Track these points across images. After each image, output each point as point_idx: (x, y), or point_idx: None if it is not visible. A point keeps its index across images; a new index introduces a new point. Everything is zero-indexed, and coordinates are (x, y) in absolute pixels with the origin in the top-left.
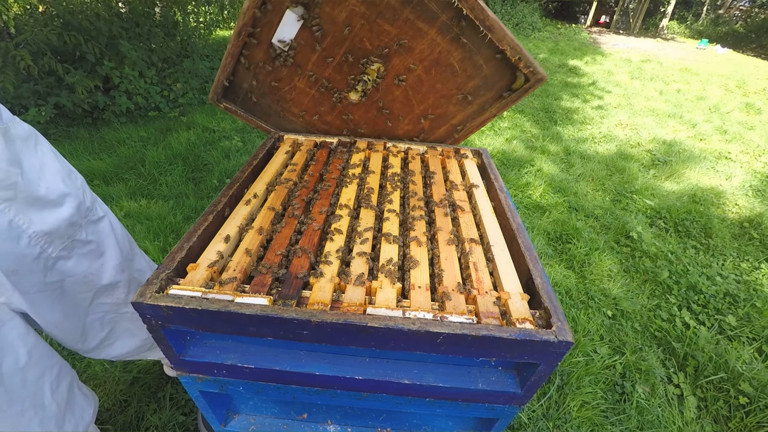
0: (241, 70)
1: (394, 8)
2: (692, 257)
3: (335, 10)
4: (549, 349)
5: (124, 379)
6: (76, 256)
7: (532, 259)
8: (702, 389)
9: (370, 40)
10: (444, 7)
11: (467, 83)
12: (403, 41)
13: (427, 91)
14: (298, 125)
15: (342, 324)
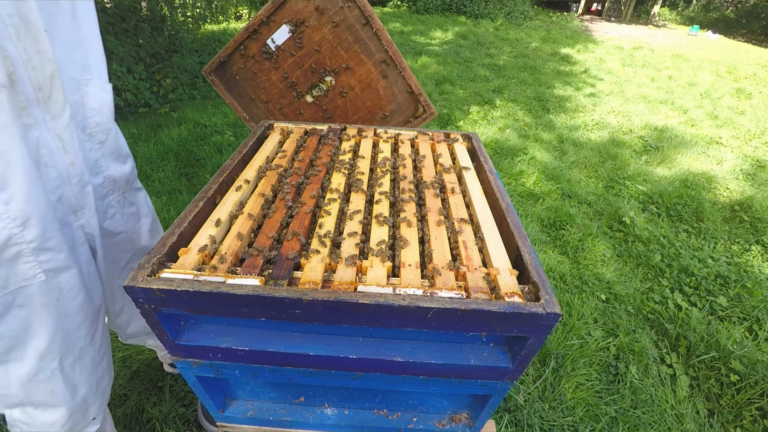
0: (237, 55)
1: (349, 42)
2: (684, 241)
3: (313, 33)
4: (538, 321)
5: (124, 374)
6: (122, 214)
7: (521, 237)
8: (694, 368)
9: (330, 59)
10: (379, 49)
11: (387, 106)
12: (351, 65)
13: (360, 106)
14: (261, 111)
15: (333, 301)
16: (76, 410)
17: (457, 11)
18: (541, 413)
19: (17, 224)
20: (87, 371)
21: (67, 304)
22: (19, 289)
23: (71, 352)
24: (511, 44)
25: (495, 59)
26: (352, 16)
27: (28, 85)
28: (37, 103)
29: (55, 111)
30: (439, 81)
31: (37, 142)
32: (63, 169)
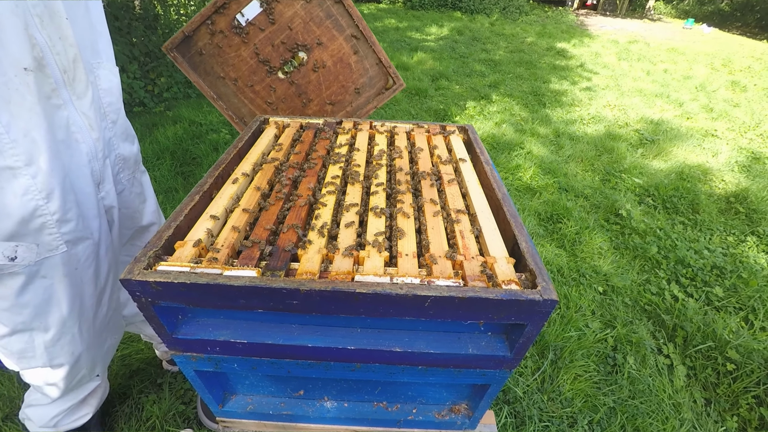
0: (203, 30)
1: (321, 17)
2: (680, 232)
3: (285, 8)
4: (535, 308)
5: (123, 372)
6: (129, 192)
7: (518, 226)
8: (691, 358)
9: (302, 34)
10: (350, 24)
11: (359, 80)
12: (322, 41)
13: (333, 80)
14: (229, 90)
15: (330, 291)
16: (86, 367)
17: (453, 7)
18: (539, 405)
19: (43, 196)
20: (97, 333)
21: (84, 272)
22: (43, 260)
23: (86, 317)
24: (507, 39)
25: (491, 54)
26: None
27: (55, 69)
28: (64, 84)
29: (80, 91)
30: (435, 77)
31: (67, 120)
32: (91, 145)
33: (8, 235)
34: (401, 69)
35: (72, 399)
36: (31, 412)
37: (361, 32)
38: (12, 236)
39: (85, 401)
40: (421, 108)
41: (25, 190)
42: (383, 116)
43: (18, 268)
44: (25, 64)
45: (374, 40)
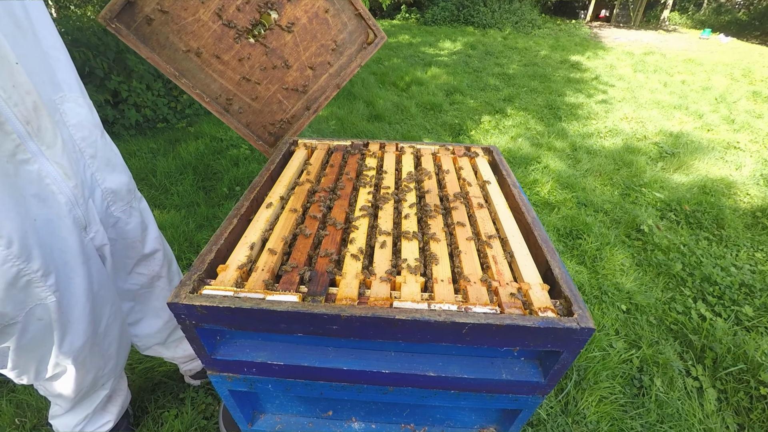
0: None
1: None
2: (705, 249)
3: None
4: (572, 336)
5: (145, 385)
6: (126, 223)
7: (549, 251)
8: (721, 381)
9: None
10: None
11: (338, 36)
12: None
13: (311, 40)
14: (194, 64)
15: (370, 318)
16: (87, 386)
17: (465, 22)
18: (564, 428)
19: (22, 260)
20: (96, 359)
21: (77, 311)
22: (35, 306)
23: (83, 350)
24: (520, 53)
25: (504, 68)
26: None
27: (15, 122)
28: (29, 136)
29: (49, 140)
30: (449, 91)
31: (38, 173)
32: (69, 193)
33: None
34: (416, 84)
35: (86, 409)
36: (55, 423)
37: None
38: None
39: (105, 409)
40: (436, 122)
41: (2, 261)
42: (398, 131)
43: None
44: None
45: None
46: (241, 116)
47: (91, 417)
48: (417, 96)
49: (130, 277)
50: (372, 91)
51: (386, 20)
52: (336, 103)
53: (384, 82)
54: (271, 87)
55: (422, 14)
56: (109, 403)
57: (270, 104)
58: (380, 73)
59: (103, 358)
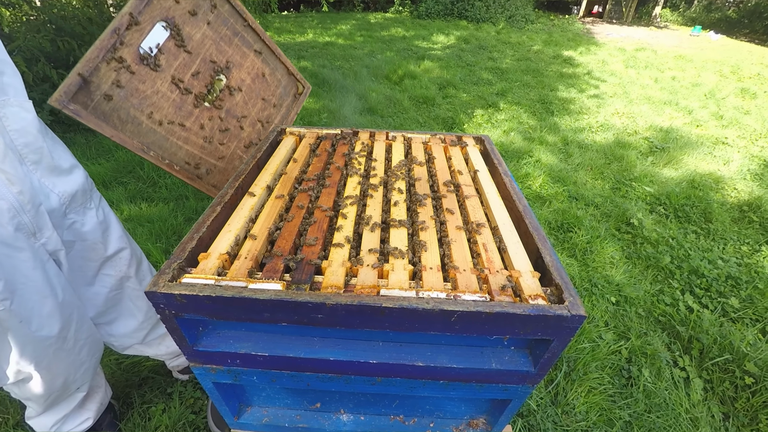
0: (104, 68)
1: (229, 36)
2: (693, 242)
3: (193, 31)
4: (562, 323)
5: (132, 381)
6: (86, 222)
7: (541, 239)
8: (708, 371)
9: (216, 56)
10: (255, 40)
11: (276, 91)
12: (236, 59)
13: (256, 97)
14: (159, 135)
15: (357, 306)
16: (57, 390)
17: (459, 16)
18: (554, 418)
19: None
20: (64, 364)
21: (32, 321)
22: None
23: (45, 355)
24: (513, 48)
25: (497, 63)
26: (224, 12)
27: None
28: None
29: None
30: (442, 85)
31: None
32: (13, 200)
33: None
34: (409, 77)
35: (62, 410)
36: (32, 423)
37: (266, 45)
38: None
39: (84, 407)
40: (429, 116)
41: None
42: (391, 124)
43: None
44: None
45: (279, 51)
46: (209, 178)
47: (68, 416)
48: (410, 89)
49: (98, 279)
50: (365, 84)
51: (379, 14)
52: (328, 96)
53: (377, 76)
54: (231, 145)
55: (416, 7)
56: (87, 401)
57: (232, 161)
58: (373, 67)
59: (74, 363)
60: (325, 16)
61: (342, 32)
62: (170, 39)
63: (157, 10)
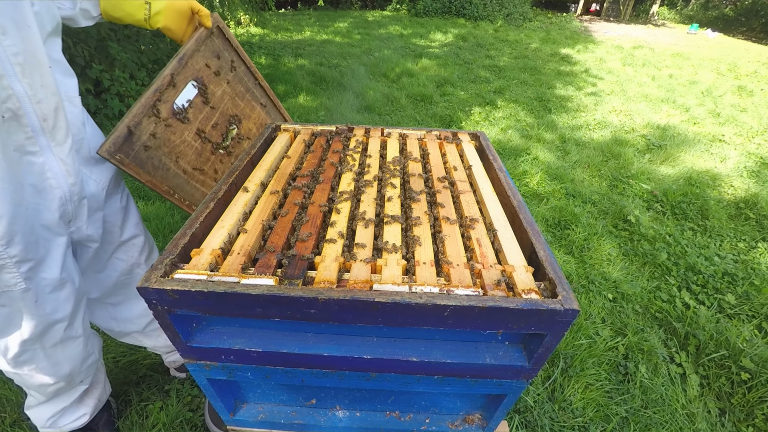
0: (145, 122)
1: (242, 92)
2: (690, 239)
3: (216, 88)
4: (556, 318)
5: (130, 379)
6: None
7: (535, 234)
8: (704, 367)
9: (231, 109)
10: (262, 95)
11: None
12: (247, 112)
13: None
14: (182, 179)
15: (349, 300)
16: (62, 380)
17: (457, 14)
18: (551, 414)
19: (2, 243)
20: (70, 352)
21: (47, 303)
22: (1, 293)
23: (53, 338)
24: (511, 45)
25: (495, 60)
26: (241, 71)
27: (33, 117)
28: (42, 132)
29: (60, 138)
30: (440, 83)
31: (42, 167)
32: (66, 190)
33: None
34: (406, 75)
35: (62, 402)
36: (30, 414)
37: (270, 99)
38: None
39: (82, 402)
40: (426, 114)
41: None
42: (388, 122)
43: None
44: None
45: (279, 103)
46: None
47: (66, 410)
48: (407, 87)
49: (109, 263)
50: (362, 82)
51: (377, 11)
52: (326, 94)
53: (374, 74)
54: None
55: (413, 5)
56: (86, 396)
57: None
58: (371, 65)
59: (80, 353)
60: (322, 14)
61: (339, 30)
62: (198, 96)
63: (190, 71)
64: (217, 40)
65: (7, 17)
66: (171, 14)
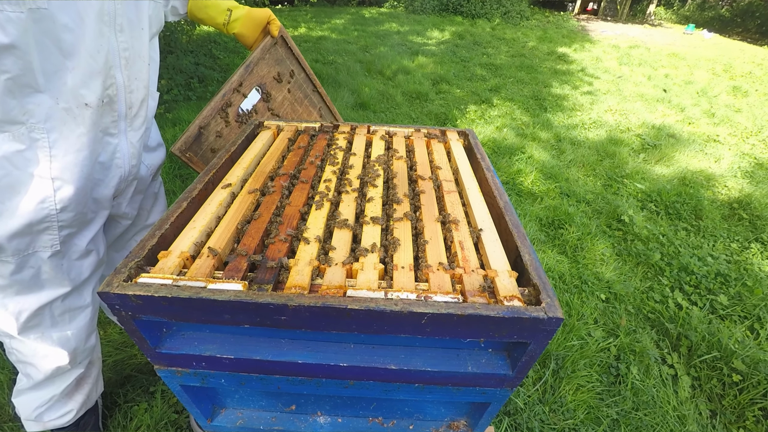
0: (212, 124)
1: (301, 98)
2: (683, 239)
3: (277, 93)
4: (539, 326)
5: (115, 379)
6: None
7: (520, 236)
8: (696, 369)
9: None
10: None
11: None
12: (304, 116)
13: None
14: None
15: (321, 307)
16: (64, 355)
17: (454, 11)
18: (541, 416)
19: (58, 208)
20: (78, 327)
21: (72, 269)
22: (33, 253)
23: (68, 308)
24: (508, 44)
25: (492, 59)
26: (300, 79)
27: (122, 104)
28: (125, 117)
29: (137, 125)
30: (436, 80)
31: (115, 147)
32: (127, 171)
33: (10, 233)
34: (402, 73)
35: (54, 389)
36: (17, 402)
37: (326, 105)
38: (14, 235)
39: (70, 396)
40: (421, 111)
41: (43, 199)
42: (383, 119)
43: (9, 259)
44: (87, 101)
45: (335, 109)
46: None
47: (54, 402)
48: (403, 85)
49: (129, 243)
50: (357, 79)
51: (374, 8)
52: None
53: (370, 71)
54: None
55: (411, 2)
56: (75, 390)
57: None
58: (366, 62)
59: (87, 327)
60: (319, 10)
61: (336, 27)
62: (260, 101)
63: (255, 77)
64: (281, 49)
65: (126, 17)
66: (247, 22)
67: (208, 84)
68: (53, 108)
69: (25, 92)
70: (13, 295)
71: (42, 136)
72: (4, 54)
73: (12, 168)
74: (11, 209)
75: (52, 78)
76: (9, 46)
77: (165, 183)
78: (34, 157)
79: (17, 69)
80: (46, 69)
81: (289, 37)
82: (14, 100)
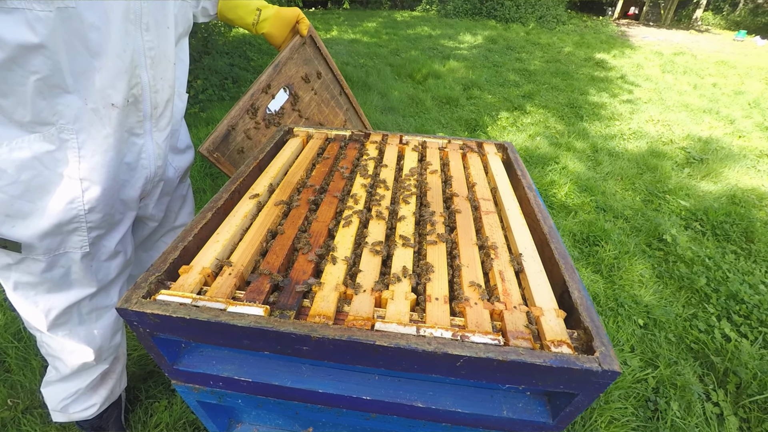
0: (240, 124)
1: (328, 98)
2: (732, 263)
3: (305, 94)
4: (590, 379)
5: (139, 374)
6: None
7: (568, 269)
8: (745, 409)
9: (317, 115)
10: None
11: None
12: (330, 117)
13: None
14: None
15: (346, 341)
16: (94, 348)
17: (487, 15)
18: None
19: (86, 209)
20: (104, 325)
21: (100, 270)
22: (64, 253)
23: (95, 307)
24: (543, 49)
25: (525, 64)
26: (327, 79)
27: (147, 104)
28: (150, 117)
29: (162, 126)
30: (467, 85)
31: (140, 148)
32: (153, 172)
33: (41, 233)
34: (433, 77)
35: (80, 381)
36: (45, 392)
37: (353, 107)
38: (44, 234)
39: (95, 390)
40: (451, 117)
41: (72, 199)
42: (412, 124)
43: (40, 257)
44: (114, 101)
45: (360, 111)
46: None
47: (81, 394)
48: (433, 89)
49: (157, 244)
50: (387, 83)
51: (406, 12)
52: None
53: (400, 74)
54: None
55: (443, 6)
56: (100, 385)
57: None
58: (397, 65)
59: (113, 326)
60: (351, 13)
61: (368, 30)
62: (287, 101)
63: (283, 77)
64: (309, 49)
65: (152, 17)
66: (276, 22)
67: (241, 84)
68: (82, 109)
69: (55, 93)
70: (44, 293)
71: (71, 137)
72: (34, 54)
73: (42, 168)
74: (41, 209)
75: (80, 78)
76: (38, 46)
77: (195, 181)
78: (64, 157)
79: (47, 69)
80: (74, 69)
81: (318, 37)
82: (44, 101)
